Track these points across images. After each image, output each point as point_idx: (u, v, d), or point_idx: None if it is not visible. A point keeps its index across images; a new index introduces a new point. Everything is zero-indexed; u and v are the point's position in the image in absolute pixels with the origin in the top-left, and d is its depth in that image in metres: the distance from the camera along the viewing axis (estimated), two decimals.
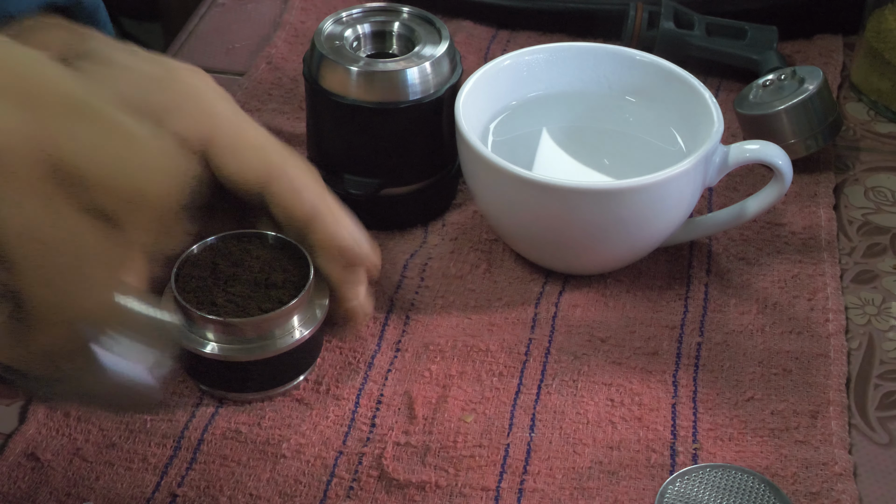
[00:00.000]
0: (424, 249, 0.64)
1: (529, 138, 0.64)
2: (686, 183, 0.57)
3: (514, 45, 0.79)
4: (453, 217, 0.66)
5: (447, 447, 0.53)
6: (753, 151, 0.59)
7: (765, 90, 0.69)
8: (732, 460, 0.52)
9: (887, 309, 0.60)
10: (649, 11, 0.76)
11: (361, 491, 0.51)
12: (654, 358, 0.57)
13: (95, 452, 0.52)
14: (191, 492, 0.51)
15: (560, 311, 0.60)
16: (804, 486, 0.51)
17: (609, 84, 0.65)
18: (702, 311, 0.60)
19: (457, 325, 0.59)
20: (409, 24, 0.63)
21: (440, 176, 0.64)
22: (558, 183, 0.56)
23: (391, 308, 0.60)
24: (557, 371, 0.56)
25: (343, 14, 0.63)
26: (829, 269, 0.62)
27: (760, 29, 0.76)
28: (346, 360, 0.57)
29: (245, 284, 0.53)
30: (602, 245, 0.59)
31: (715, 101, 0.60)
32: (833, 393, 0.55)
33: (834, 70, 0.78)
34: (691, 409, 0.54)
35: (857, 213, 0.67)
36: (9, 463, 0.51)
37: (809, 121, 0.67)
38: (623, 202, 0.56)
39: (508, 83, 0.64)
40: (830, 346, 0.57)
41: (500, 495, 0.51)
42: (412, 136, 0.62)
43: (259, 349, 0.52)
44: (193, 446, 0.52)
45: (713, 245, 0.64)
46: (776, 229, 0.65)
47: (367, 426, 0.54)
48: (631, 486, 0.51)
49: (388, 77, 0.60)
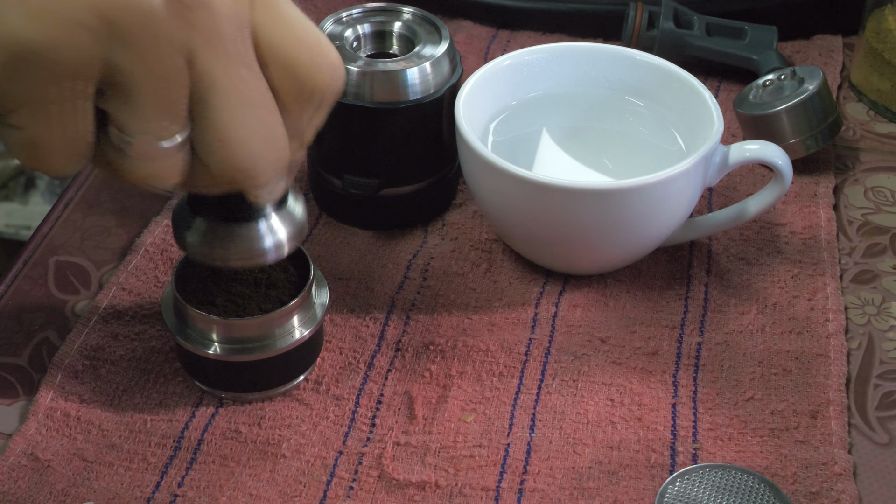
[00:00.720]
0: (425, 249, 0.64)
1: (529, 138, 0.64)
2: (686, 183, 0.57)
3: (514, 45, 0.79)
4: (453, 217, 0.66)
5: (447, 447, 0.53)
6: (753, 151, 0.59)
7: (765, 90, 0.69)
8: (732, 460, 0.52)
9: (887, 309, 0.60)
10: (649, 11, 0.76)
11: (361, 491, 0.51)
12: (654, 358, 0.57)
13: (95, 452, 0.52)
14: (191, 492, 0.51)
15: (560, 311, 0.60)
16: (804, 486, 0.51)
17: (609, 84, 0.65)
18: (702, 311, 0.60)
19: (457, 325, 0.59)
20: (409, 24, 0.63)
21: (440, 176, 0.64)
22: (558, 183, 0.56)
23: (391, 308, 0.60)
24: (557, 371, 0.56)
25: (343, 14, 0.63)
26: (829, 269, 0.62)
27: (760, 29, 0.76)
28: (346, 360, 0.57)
29: (245, 284, 0.53)
30: (602, 245, 0.59)
31: (715, 101, 0.60)
32: (833, 393, 0.55)
33: (834, 70, 0.78)
34: (691, 409, 0.54)
35: (857, 213, 0.67)
36: (9, 463, 0.51)
37: (809, 121, 0.67)
38: (623, 202, 0.56)
39: (508, 83, 0.64)
40: (830, 346, 0.57)
41: (500, 495, 0.51)
42: (412, 136, 0.62)
43: (259, 349, 0.52)
44: (193, 446, 0.52)
45: (713, 245, 0.64)
46: (776, 229, 0.65)
47: (367, 426, 0.54)
48: (631, 486, 0.51)
49: (388, 77, 0.60)
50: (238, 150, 0.44)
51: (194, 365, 0.54)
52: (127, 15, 0.39)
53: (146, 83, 0.40)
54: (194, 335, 0.52)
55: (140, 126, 0.42)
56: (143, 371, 0.56)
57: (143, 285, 0.61)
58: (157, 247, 0.63)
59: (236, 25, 0.42)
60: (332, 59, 0.46)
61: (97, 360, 0.56)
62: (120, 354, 0.57)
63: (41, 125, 0.40)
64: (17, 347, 0.58)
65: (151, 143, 0.42)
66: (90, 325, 0.58)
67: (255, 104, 0.44)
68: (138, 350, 0.57)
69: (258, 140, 0.44)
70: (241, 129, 0.43)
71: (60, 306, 0.60)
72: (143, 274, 0.61)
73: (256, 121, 0.44)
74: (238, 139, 0.43)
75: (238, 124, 0.43)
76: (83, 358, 0.56)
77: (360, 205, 0.64)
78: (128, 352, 0.57)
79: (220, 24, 0.41)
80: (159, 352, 0.57)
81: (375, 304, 0.60)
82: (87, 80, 0.40)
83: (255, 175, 0.45)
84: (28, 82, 0.39)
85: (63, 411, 0.54)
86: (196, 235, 0.48)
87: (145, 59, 0.40)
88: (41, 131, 0.40)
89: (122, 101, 0.41)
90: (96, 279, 0.62)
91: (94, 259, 0.63)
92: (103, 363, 0.56)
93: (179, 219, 0.49)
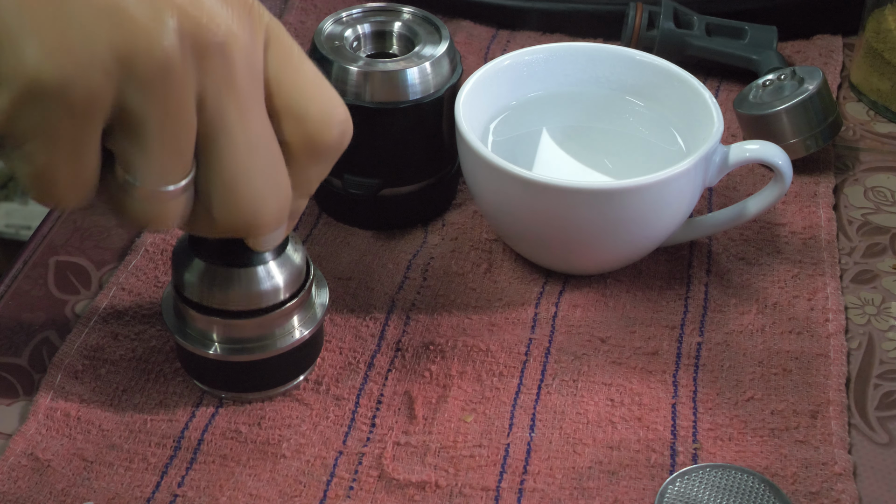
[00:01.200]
0: (425, 249, 0.64)
1: (529, 138, 0.64)
2: (686, 183, 0.57)
3: (514, 45, 0.79)
4: (453, 217, 0.66)
5: (447, 447, 0.53)
6: (753, 151, 0.59)
7: (765, 90, 0.69)
8: (732, 460, 0.52)
9: (887, 309, 0.60)
10: (649, 11, 0.76)
11: (361, 491, 0.51)
12: (654, 358, 0.57)
13: (95, 452, 0.52)
14: (191, 492, 0.51)
15: (560, 311, 0.60)
16: (804, 485, 0.51)
17: (609, 84, 0.65)
18: (702, 311, 0.60)
19: (457, 325, 0.59)
20: (409, 24, 0.63)
21: (440, 176, 0.64)
22: (558, 183, 0.56)
23: (391, 308, 0.60)
24: (557, 371, 0.56)
25: (343, 14, 0.63)
26: (829, 269, 0.62)
27: (760, 29, 0.76)
28: (346, 360, 0.57)
29: None
30: (602, 245, 0.59)
31: (715, 101, 0.60)
32: (833, 393, 0.55)
33: (834, 70, 0.78)
34: (691, 409, 0.54)
35: (857, 213, 0.67)
36: (9, 463, 0.51)
37: (809, 121, 0.67)
38: (623, 202, 0.56)
39: (508, 83, 0.64)
40: (830, 346, 0.57)
41: (500, 495, 0.51)
42: (412, 136, 0.62)
43: (259, 349, 0.52)
44: (193, 446, 0.52)
45: (713, 245, 0.64)
46: (776, 229, 0.65)
47: (367, 426, 0.54)
48: (631, 486, 0.51)
49: (388, 77, 0.60)
50: (242, 197, 0.44)
51: (194, 365, 0.54)
52: (143, 57, 0.39)
53: (156, 125, 0.41)
54: (194, 335, 0.52)
55: (147, 167, 0.42)
56: (143, 371, 0.56)
57: (143, 285, 0.61)
58: (157, 247, 0.63)
59: (250, 73, 0.42)
60: (342, 115, 0.46)
61: (97, 360, 0.56)
62: (120, 354, 0.57)
63: (49, 158, 0.40)
64: (17, 347, 0.58)
65: (156, 184, 0.42)
66: (90, 325, 0.58)
67: (262, 152, 0.44)
68: (138, 350, 0.57)
69: (262, 188, 0.44)
70: (246, 175, 0.44)
71: (60, 306, 0.60)
72: (143, 274, 0.61)
73: (262, 169, 0.44)
74: (243, 186, 0.44)
75: (244, 171, 0.44)
76: (83, 358, 0.56)
77: (360, 205, 0.64)
78: (128, 352, 0.57)
79: (234, 70, 0.42)
80: (159, 352, 0.57)
81: (375, 304, 0.60)
82: (98, 118, 0.40)
83: (257, 223, 0.45)
84: (41, 116, 0.39)
85: (63, 411, 0.54)
86: (195, 277, 0.50)
87: (157, 101, 0.40)
88: (49, 164, 0.41)
89: (130, 141, 0.41)
90: (96, 279, 0.62)
91: (94, 259, 0.63)
92: (103, 363, 0.56)
93: (179, 259, 0.51)
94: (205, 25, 0.40)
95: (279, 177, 0.45)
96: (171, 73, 0.40)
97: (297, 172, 0.46)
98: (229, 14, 0.41)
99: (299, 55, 0.45)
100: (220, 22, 0.41)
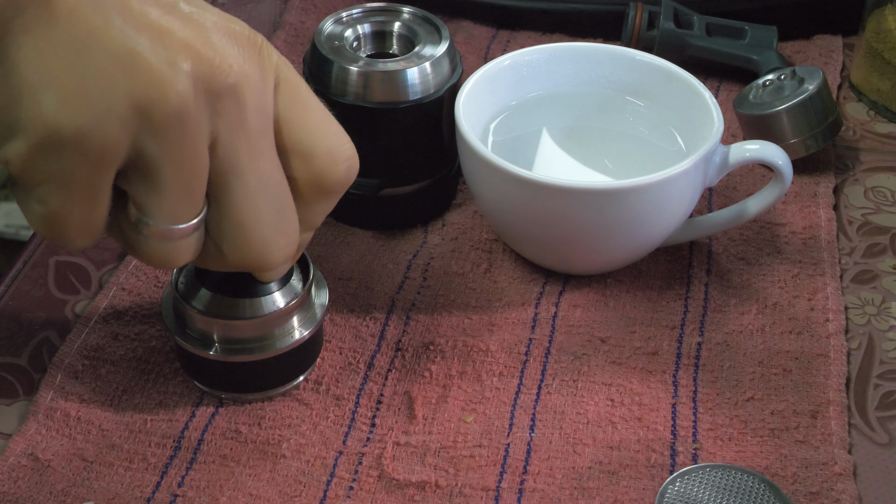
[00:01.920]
0: (425, 249, 0.64)
1: (529, 138, 0.64)
2: (686, 183, 0.57)
3: (514, 45, 0.79)
4: (453, 217, 0.66)
5: (447, 447, 0.53)
6: (753, 151, 0.59)
7: (765, 90, 0.69)
8: (732, 460, 0.52)
9: (887, 309, 0.60)
10: (649, 11, 0.76)
11: (361, 491, 0.51)
12: (654, 358, 0.57)
13: (95, 452, 0.52)
14: (191, 492, 0.51)
15: (560, 311, 0.60)
16: (804, 486, 0.51)
17: (609, 84, 0.65)
18: (702, 311, 0.60)
19: (457, 325, 0.59)
20: (409, 24, 0.63)
21: (440, 176, 0.64)
22: (558, 183, 0.56)
23: (391, 308, 0.60)
24: (557, 371, 0.56)
25: (343, 14, 0.63)
26: (829, 269, 0.62)
27: (760, 29, 0.76)
28: (346, 360, 0.57)
29: None
30: (602, 245, 0.59)
31: (715, 101, 0.60)
32: (833, 393, 0.55)
33: (834, 70, 0.78)
34: (691, 409, 0.54)
35: (857, 213, 0.67)
36: (9, 463, 0.51)
37: (809, 121, 0.67)
38: (623, 202, 0.56)
39: (508, 83, 0.64)
40: (830, 346, 0.57)
41: (500, 495, 0.51)
42: (412, 136, 0.62)
43: (259, 349, 0.52)
44: (193, 446, 0.52)
45: (713, 245, 0.64)
46: (776, 229, 0.65)
47: (367, 426, 0.54)
48: (631, 486, 0.51)
49: (388, 77, 0.60)
50: (252, 235, 0.45)
51: (194, 365, 0.54)
52: (159, 105, 0.40)
53: (170, 169, 0.41)
54: (194, 335, 0.52)
55: (159, 207, 0.43)
56: (143, 371, 0.56)
57: (143, 285, 0.61)
58: None
59: (261, 113, 0.43)
60: (349, 152, 0.47)
61: (97, 360, 0.56)
62: (120, 354, 0.57)
63: (62, 202, 0.41)
64: (17, 347, 0.58)
65: (169, 224, 0.43)
66: (90, 325, 0.58)
67: (272, 193, 0.45)
68: (138, 350, 0.57)
69: (272, 227, 0.45)
70: (256, 216, 0.44)
71: (60, 306, 0.60)
72: (143, 274, 0.61)
73: (272, 209, 0.45)
74: (253, 224, 0.45)
75: (254, 212, 0.44)
76: (83, 358, 0.56)
77: (360, 205, 0.64)
78: (128, 352, 0.57)
79: (246, 111, 0.42)
80: (159, 352, 0.57)
81: (375, 304, 0.60)
82: (112, 164, 0.41)
83: (266, 260, 0.46)
84: (57, 163, 0.40)
85: (63, 411, 0.54)
86: (200, 304, 0.51)
87: (172, 147, 0.41)
88: (62, 208, 0.41)
89: (144, 183, 0.42)
90: (96, 279, 0.62)
91: (94, 259, 0.63)
92: (103, 363, 0.56)
93: (184, 287, 0.52)
94: (218, 66, 0.41)
95: (288, 215, 0.46)
96: (185, 119, 0.40)
97: (304, 208, 0.47)
98: (240, 54, 0.42)
99: (307, 93, 0.46)
100: (232, 62, 0.42)
